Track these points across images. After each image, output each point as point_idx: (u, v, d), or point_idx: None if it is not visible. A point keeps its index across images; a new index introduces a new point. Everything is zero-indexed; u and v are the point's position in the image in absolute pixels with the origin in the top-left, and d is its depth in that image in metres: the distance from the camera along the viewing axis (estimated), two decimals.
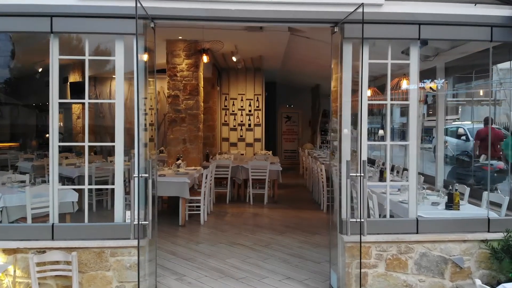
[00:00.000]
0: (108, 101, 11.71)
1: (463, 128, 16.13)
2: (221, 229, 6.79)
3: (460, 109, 17.47)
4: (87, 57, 4.15)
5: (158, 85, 12.57)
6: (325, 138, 16.29)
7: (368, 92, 10.37)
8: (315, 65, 11.39)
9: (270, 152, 11.98)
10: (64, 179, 8.94)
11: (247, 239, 6.18)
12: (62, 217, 5.28)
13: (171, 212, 7.77)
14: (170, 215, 7.72)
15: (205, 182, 7.19)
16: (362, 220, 3.57)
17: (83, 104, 12.06)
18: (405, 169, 8.21)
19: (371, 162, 10.82)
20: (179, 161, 8.18)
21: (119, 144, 4.09)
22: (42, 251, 3.96)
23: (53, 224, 4.07)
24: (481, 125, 12.24)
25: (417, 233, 4.28)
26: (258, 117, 13.13)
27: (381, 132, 13.44)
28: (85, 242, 4.01)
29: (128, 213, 4.04)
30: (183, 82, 8.55)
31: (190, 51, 7.87)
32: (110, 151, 12.74)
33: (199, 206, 7.22)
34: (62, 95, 12.57)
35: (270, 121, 15.37)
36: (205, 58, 7.81)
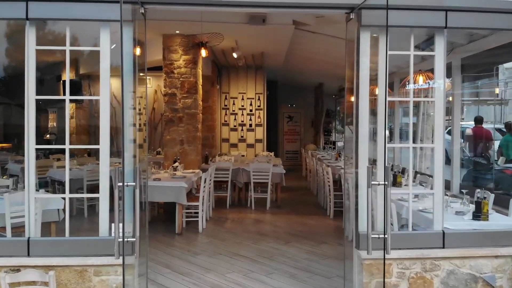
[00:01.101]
0: (92, 97, 10.77)
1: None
2: (221, 237, 6.27)
3: (465, 109, 17.02)
4: (67, 48, 3.63)
5: (155, 83, 12.07)
6: (328, 138, 15.78)
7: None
8: (319, 62, 10.88)
9: (272, 154, 11.47)
10: (55, 183, 8.44)
11: (249, 250, 5.67)
12: (46, 226, 4.79)
13: (167, 218, 7.26)
14: (166, 221, 7.21)
15: (204, 187, 6.68)
16: (386, 236, 3.06)
17: (77, 102, 11.47)
18: (417, 173, 7.74)
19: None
20: (176, 164, 7.66)
21: (104, 145, 3.57)
22: (16, 269, 3.45)
23: (29, 238, 3.56)
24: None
25: (443, 247, 3.77)
26: (259, 117, 12.62)
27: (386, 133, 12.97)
28: (66, 259, 3.50)
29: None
30: (181, 79, 8.04)
31: (188, 46, 7.36)
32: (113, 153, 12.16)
33: (197, 212, 6.71)
34: (55, 94, 12.02)
35: (271, 121, 14.86)
36: (203, 52, 7.29)
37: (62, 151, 11.30)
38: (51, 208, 4.98)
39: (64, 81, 11.67)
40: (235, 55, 9.04)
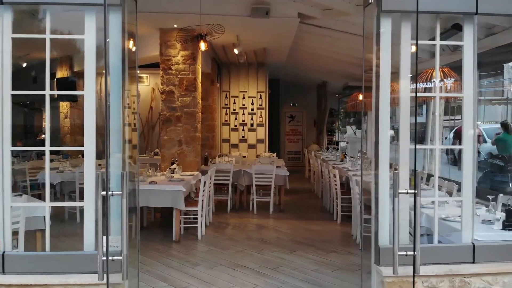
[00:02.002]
0: (76, 92, 9.65)
1: (479, 129, 15.40)
2: (222, 246, 5.83)
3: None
4: (48, 36, 3.20)
5: (152, 81, 11.63)
6: (331, 139, 15.35)
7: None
8: (323, 59, 10.45)
9: (275, 154, 11.03)
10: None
11: (252, 260, 5.23)
12: (30, 235, 4.37)
13: (165, 223, 6.83)
14: (163, 226, 6.78)
15: (203, 190, 6.24)
16: (415, 253, 2.62)
17: (71, 101, 10.98)
18: (430, 175, 7.31)
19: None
20: (174, 166, 7.23)
21: (89, 147, 3.14)
22: None
23: (4, 253, 3.11)
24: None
25: (473, 262, 3.33)
26: (261, 116, 12.18)
27: (391, 132, 12.60)
28: (45, 277, 3.05)
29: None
30: (179, 76, 7.60)
31: (186, 39, 6.91)
32: (102, 154, 11.73)
33: (196, 218, 6.27)
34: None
35: (273, 121, 14.43)
36: (202, 46, 6.84)
37: (56, 151, 10.85)
38: (37, 215, 4.54)
39: (58, 79, 11.23)
40: (236, 51, 8.60)
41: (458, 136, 12.06)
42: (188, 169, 7.58)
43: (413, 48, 3.33)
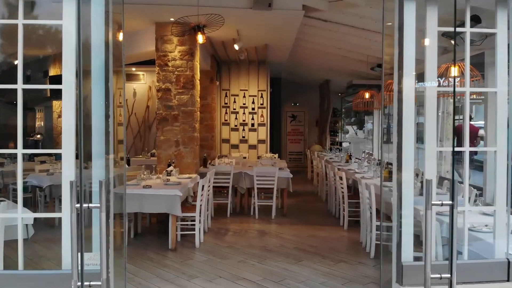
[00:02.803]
0: (51, 86, 8.51)
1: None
2: (221, 255, 5.40)
3: (474, 108, 16.26)
4: (20, 21, 2.77)
5: (149, 79, 11.20)
6: (334, 139, 14.93)
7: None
8: (328, 56, 10.03)
9: (276, 156, 10.61)
10: (36, 189, 7.59)
11: (254, 271, 4.81)
12: (11, 245, 3.96)
13: (161, 229, 6.41)
14: (159, 232, 6.36)
15: (202, 195, 5.82)
16: (451, 277, 2.20)
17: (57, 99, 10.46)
18: (442, 178, 6.89)
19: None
20: (171, 168, 6.81)
21: (67, 149, 2.72)
22: None
23: None
24: None
25: (508, 280, 2.92)
26: (262, 115, 11.75)
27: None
28: None
29: (87, 254, 2.66)
30: (176, 73, 7.18)
31: (182, 32, 6.46)
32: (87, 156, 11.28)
33: (193, 224, 5.85)
34: (42, 90, 11.12)
35: (274, 120, 14.01)
36: (200, 38, 6.40)
37: (44, 153, 10.32)
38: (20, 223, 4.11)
39: (51, 77, 10.78)
40: (236, 47, 8.18)
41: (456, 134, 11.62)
42: (186, 171, 7.17)
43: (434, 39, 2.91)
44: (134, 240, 6.08)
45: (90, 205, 2.13)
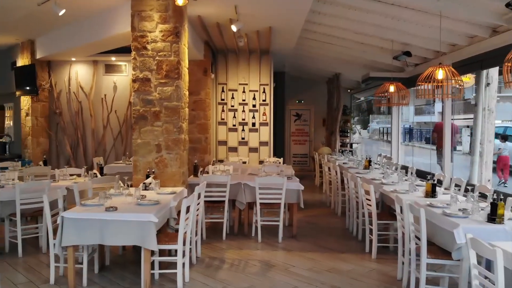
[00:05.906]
0: None
1: None
2: None
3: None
4: None
5: (132, 71, 9.68)
6: (344, 140, 13.42)
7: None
8: (341, 43, 8.51)
9: (282, 160, 9.10)
10: None
11: None
12: None
13: (137, 258, 4.91)
14: (134, 264, 4.87)
15: (187, 219, 4.30)
16: None
17: (32, 96, 9.00)
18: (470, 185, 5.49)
19: (403, 168, 8.10)
20: (149, 180, 5.32)
21: None
22: None
23: None
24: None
25: None
26: (264, 113, 10.23)
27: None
28: None
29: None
30: (157, 58, 5.66)
31: None
32: (87, 159, 9.87)
33: (176, 257, 4.33)
34: (8, 83, 9.55)
35: (277, 119, 12.51)
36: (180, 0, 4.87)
37: (12, 157, 8.73)
38: None
39: (17, 68, 9.21)
40: (234, 28, 6.65)
41: (436, 131, 10.66)
42: (170, 183, 5.66)
43: None
44: (99, 276, 4.58)
45: None
